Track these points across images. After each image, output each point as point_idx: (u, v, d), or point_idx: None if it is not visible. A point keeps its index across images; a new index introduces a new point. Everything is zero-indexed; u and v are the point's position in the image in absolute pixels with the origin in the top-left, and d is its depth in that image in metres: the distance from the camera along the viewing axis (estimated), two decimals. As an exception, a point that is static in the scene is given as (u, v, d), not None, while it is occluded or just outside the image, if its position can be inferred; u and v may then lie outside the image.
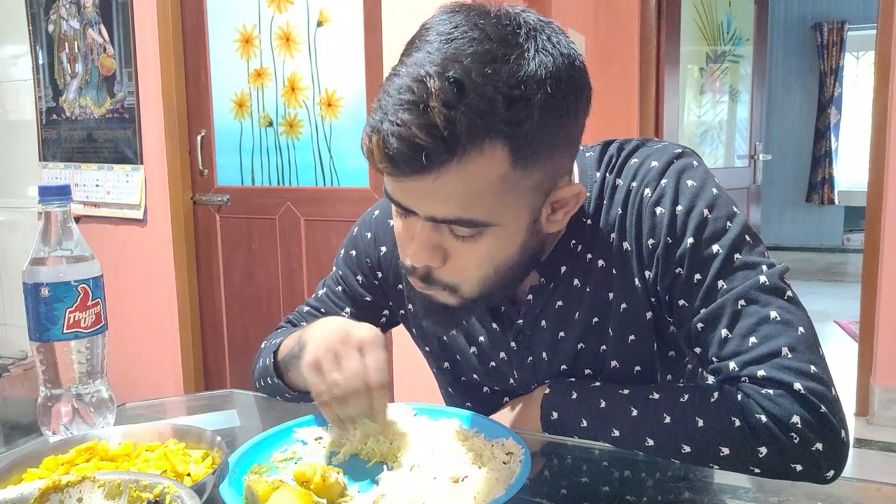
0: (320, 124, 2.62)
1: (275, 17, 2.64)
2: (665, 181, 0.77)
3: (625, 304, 0.81)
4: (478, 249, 0.71)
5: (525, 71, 0.62)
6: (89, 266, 0.82)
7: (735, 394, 0.71)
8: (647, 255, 0.77)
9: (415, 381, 2.49)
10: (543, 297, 0.85)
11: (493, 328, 0.89)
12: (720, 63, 3.93)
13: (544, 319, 0.86)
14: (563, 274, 0.83)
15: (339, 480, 0.66)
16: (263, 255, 2.80)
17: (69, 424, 0.82)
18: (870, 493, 0.78)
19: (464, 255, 0.71)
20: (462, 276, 0.73)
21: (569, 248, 0.82)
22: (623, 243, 0.79)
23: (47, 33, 3.04)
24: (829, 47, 6.20)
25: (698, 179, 0.77)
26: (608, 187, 0.81)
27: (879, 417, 3.01)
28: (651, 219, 0.77)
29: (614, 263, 0.81)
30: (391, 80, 0.64)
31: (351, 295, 0.99)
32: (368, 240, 0.97)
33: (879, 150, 2.97)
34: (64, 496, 0.62)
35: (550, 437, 0.86)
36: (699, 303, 0.74)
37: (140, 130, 2.89)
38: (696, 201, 0.75)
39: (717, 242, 0.74)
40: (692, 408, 0.73)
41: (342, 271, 0.99)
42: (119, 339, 2.47)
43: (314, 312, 1.01)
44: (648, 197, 0.77)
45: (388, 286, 0.97)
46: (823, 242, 6.53)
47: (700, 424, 0.72)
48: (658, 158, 0.79)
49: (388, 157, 0.63)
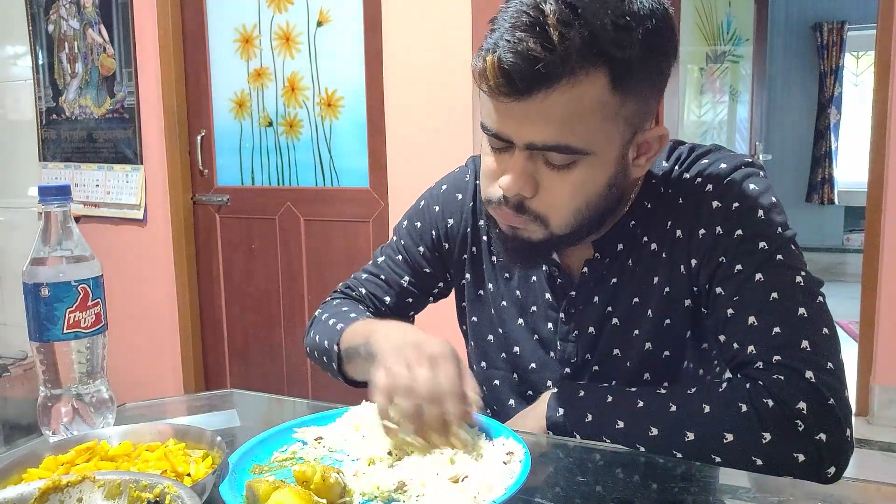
0: (320, 124, 2.62)
1: (275, 17, 2.64)
2: (729, 180, 0.80)
3: (668, 289, 0.84)
4: (570, 180, 0.74)
5: (631, 5, 0.69)
6: (89, 266, 0.82)
7: (744, 382, 0.73)
8: (697, 243, 0.80)
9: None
10: (598, 271, 0.87)
11: (546, 298, 0.92)
12: (720, 63, 3.93)
13: (597, 295, 0.88)
14: (618, 252, 0.86)
15: (340, 480, 0.66)
16: (263, 255, 2.80)
17: (69, 424, 0.82)
18: (870, 493, 0.78)
19: (556, 185, 0.74)
20: (553, 206, 0.76)
21: (628, 227, 0.86)
22: (676, 230, 0.82)
23: (47, 33, 3.04)
24: (829, 47, 6.20)
25: (761, 186, 0.80)
26: (675, 178, 0.84)
27: (879, 417, 3.01)
28: (708, 210, 0.79)
29: (664, 248, 0.83)
30: (505, 9, 0.69)
31: (412, 264, 1.02)
32: (437, 212, 1.00)
33: (879, 150, 2.97)
34: (64, 496, 0.62)
35: (550, 437, 0.86)
36: (734, 290, 0.76)
37: (140, 130, 2.89)
38: (755, 201, 0.79)
39: (765, 240, 0.77)
40: (699, 396, 0.75)
41: (405, 241, 1.03)
42: (119, 339, 2.47)
43: (373, 279, 1.04)
44: (710, 191, 0.80)
45: (451, 258, 1.00)
46: (823, 242, 6.53)
47: (706, 410, 0.73)
48: (728, 162, 0.82)
49: (503, 73, 0.67)
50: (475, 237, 0.98)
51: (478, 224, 0.97)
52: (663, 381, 0.87)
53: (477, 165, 0.99)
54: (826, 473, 0.70)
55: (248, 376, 2.86)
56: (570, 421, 0.81)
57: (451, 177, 1.02)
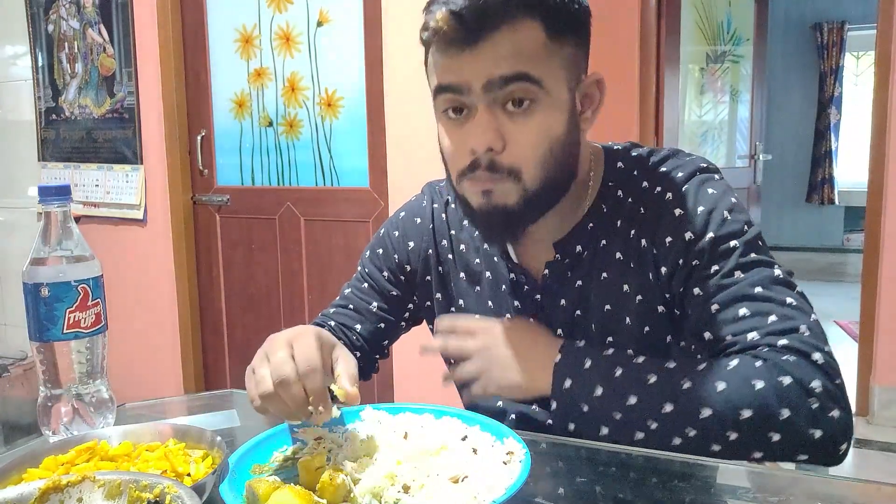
0: (320, 124, 2.62)
1: (275, 17, 2.64)
2: (687, 187, 0.83)
3: (640, 297, 0.86)
4: (532, 126, 0.78)
5: None
6: (89, 266, 0.82)
7: (754, 361, 0.73)
8: (665, 251, 0.83)
9: (415, 381, 2.49)
10: (560, 272, 0.90)
11: (514, 305, 0.94)
12: (720, 63, 3.93)
13: (563, 298, 0.90)
14: (577, 253, 0.89)
15: (346, 482, 0.66)
16: (263, 255, 2.80)
17: (69, 424, 0.82)
18: (870, 493, 0.78)
19: (521, 133, 0.78)
20: (523, 156, 0.79)
21: (586, 230, 0.88)
22: (641, 240, 0.85)
23: (47, 33, 3.04)
24: (829, 47, 6.20)
25: (719, 189, 0.83)
26: (633, 186, 0.87)
27: (879, 417, 3.01)
28: (670, 218, 0.82)
29: (631, 258, 0.85)
30: None
31: (378, 290, 1.05)
32: (397, 237, 1.04)
33: (879, 150, 2.97)
34: (64, 496, 0.62)
35: (550, 437, 0.86)
36: (714, 289, 0.78)
37: (140, 130, 2.89)
38: (717, 204, 0.82)
39: (737, 239, 0.79)
40: (711, 373, 0.73)
41: (368, 269, 1.06)
42: (119, 339, 2.47)
43: (342, 311, 1.06)
44: (671, 199, 0.83)
45: (416, 279, 1.03)
46: (823, 242, 6.53)
47: (721, 388, 0.72)
48: (685, 169, 0.86)
49: (456, 17, 0.75)
50: (439, 257, 1.01)
51: (440, 244, 1.01)
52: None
53: (433, 191, 1.04)
54: (839, 450, 0.71)
55: (248, 376, 2.85)
56: (579, 395, 0.79)
57: (408, 204, 1.06)
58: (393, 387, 2.56)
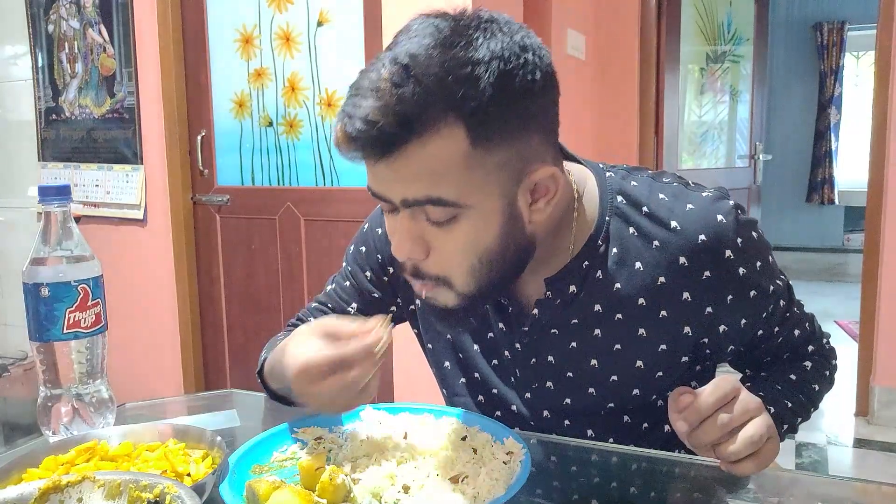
0: (320, 124, 2.62)
1: (275, 17, 2.64)
2: (741, 242, 0.81)
3: (664, 346, 0.85)
4: (456, 237, 0.71)
5: (473, 54, 0.66)
6: (89, 266, 0.82)
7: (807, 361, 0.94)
8: (725, 309, 0.83)
9: (414, 381, 2.49)
10: (549, 311, 0.85)
11: (499, 328, 0.90)
12: (720, 63, 3.93)
13: (556, 329, 0.86)
14: (571, 293, 0.83)
15: (346, 482, 0.66)
16: (263, 255, 2.80)
17: (69, 424, 0.82)
18: (870, 493, 0.78)
19: (444, 244, 0.72)
20: (447, 266, 0.74)
21: (580, 268, 0.83)
22: (684, 293, 0.82)
23: (47, 33, 3.04)
24: (829, 47, 6.19)
25: (758, 231, 0.85)
26: (648, 221, 0.82)
27: (879, 417, 3.01)
28: (733, 278, 0.81)
29: (663, 307, 0.82)
30: (356, 80, 0.69)
31: (359, 290, 1.00)
32: (379, 235, 0.98)
33: (879, 150, 2.97)
34: (64, 496, 0.62)
35: (550, 437, 0.85)
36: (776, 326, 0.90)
37: (140, 130, 2.89)
38: (766, 252, 0.85)
39: (780, 278, 0.88)
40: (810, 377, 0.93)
41: (351, 267, 1.01)
42: (119, 339, 2.47)
43: (322, 308, 1.03)
44: (730, 258, 0.80)
45: (398, 282, 0.97)
46: (823, 242, 6.52)
47: (816, 388, 0.92)
48: (724, 214, 0.80)
49: (351, 140, 0.67)
50: None
51: None
52: (626, 406, 0.89)
53: None
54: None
55: (248, 376, 2.85)
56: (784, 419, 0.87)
57: None
58: (393, 387, 2.56)
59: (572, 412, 0.90)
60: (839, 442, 2.90)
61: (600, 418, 0.90)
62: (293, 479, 0.70)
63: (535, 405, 0.91)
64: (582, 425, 0.90)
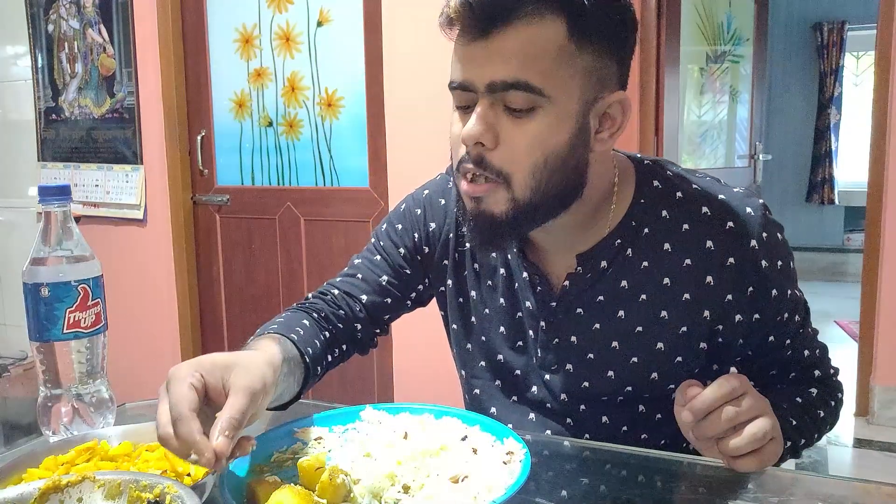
0: (320, 124, 2.62)
1: (275, 17, 2.64)
2: (766, 235, 0.84)
3: (685, 329, 0.86)
4: (529, 130, 0.75)
5: None
6: (89, 266, 0.82)
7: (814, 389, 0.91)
8: (744, 301, 0.84)
9: (415, 381, 2.49)
10: (580, 285, 0.87)
11: (527, 306, 0.92)
12: (720, 63, 3.93)
13: (580, 308, 0.88)
14: (602, 269, 0.86)
15: (346, 482, 0.66)
16: (263, 255, 2.80)
17: (69, 424, 0.82)
18: (870, 493, 0.78)
19: (516, 135, 0.75)
20: (513, 160, 0.76)
21: (612, 245, 0.86)
22: (707, 277, 0.84)
23: (47, 33, 3.04)
24: (829, 47, 6.19)
25: (783, 234, 0.87)
26: (682, 205, 0.85)
27: (879, 417, 3.01)
28: (755, 269, 0.83)
29: (688, 290, 0.84)
30: None
31: (391, 265, 1.01)
32: (418, 215, 1.00)
33: (879, 150, 2.97)
34: (64, 496, 0.62)
35: (550, 437, 0.85)
36: (788, 336, 0.89)
37: (140, 130, 2.89)
38: (789, 256, 0.87)
39: (799, 290, 0.88)
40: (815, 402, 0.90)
41: (384, 242, 1.02)
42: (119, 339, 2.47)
43: (348, 279, 1.01)
44: (755, 248, 0.83)
45: (432, 262, 1.00)
46: (823, 242, 6.52)
47: (822, 415, 0.89)
48: (753, 208, 0.85)
49: (467, 7, 0.72)
50: (458, 243, 0.97)
51: (461, 231, 0.96)
52: (643, 393, 0.89)
53: None
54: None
55: (248, 376, 2.85)
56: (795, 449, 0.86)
57: (433, 182, 1.02)
58: (393, 387, 2.56)
59: (589, 397, 0.90)
60: (839, 442, 2.90)
61: (615, 406, 0.90)
62: (293, 479, 0.70)
63: (554, 388, 0.92)
64: (597, 411, 0.91)
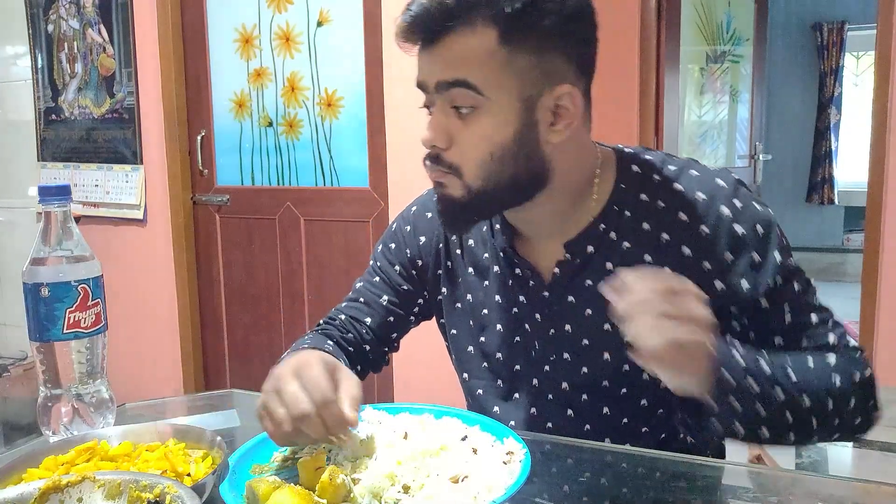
0: (320, 124, 2.62)
1: (275, 17, 2.64)
2: (738, 202, 0.85)
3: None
4: (475, 129, 0.81)
5: None
6: (89, 266, 0.82)
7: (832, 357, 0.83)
8: (723, 268, 0.84)
9: (415, 381, 2.49)
10: (569, 273, 0.90)
11: (521, 301, 0.94)
12: (720, 63, 3.93)
13: (571, 295, 0.91)
14: (589, 254, 0.89)
15: (346, 482, 0.66)
16: (263, 255, 2.80)
17: (69, 424, 0.82)
18: (870, 493, 0.78)
19: (464, 135, 0.82)
20: (463, 157, 0.83)
21: (598, 231, 0.89)
22: (682, 247, 0.86)
23: (47, 33, 3.04)
24: (829, 47, 6.19)
25: (763, 206, 0.87)
26: (656, 185, 0.88)
27: (879, 417, 3.01)
28: (730, 235, 0.84)
29: (666, 263, 0.85)
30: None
31: (390, 284, 1.06)
32: (408, 232, 1.05)
33: (879, 150, 2.97)
34: (64, 496, 0.62)
35: (550, 438, 0.85)
36: (784, 302, 0.85)
37: (140, 130, 2.89)
38: (772, 224, 0.86)
39: (790, 256, 0.87)
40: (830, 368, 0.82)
41: (380, 263, 1.07)
42: (119, 339, 2.47)
43: (352, 304, 1.06)
44: (727, 216, 0.85)
45: (427, 273, 1.04)
46: (823, 242, 6.52)
47: (838, 384, 0.81)
48: (725, 180, 0.87)
49: (412, 19, 0.80)
50: (448, 252, 1.02)
51: (451, 238, 1.02)
52: (641, 374, 0.87)
53: None
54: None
55: (248, 376, 2.85)
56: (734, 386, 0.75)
57: (420, 199, 1.08)
58: (393, 387, 2.56)
59: (590, 383, 0.91)
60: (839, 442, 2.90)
61: (617, 397, 0.91)
62: (293, 479, 0.70)
63: (555, 378, 0.93)
64: (598, 401, 0.92)
